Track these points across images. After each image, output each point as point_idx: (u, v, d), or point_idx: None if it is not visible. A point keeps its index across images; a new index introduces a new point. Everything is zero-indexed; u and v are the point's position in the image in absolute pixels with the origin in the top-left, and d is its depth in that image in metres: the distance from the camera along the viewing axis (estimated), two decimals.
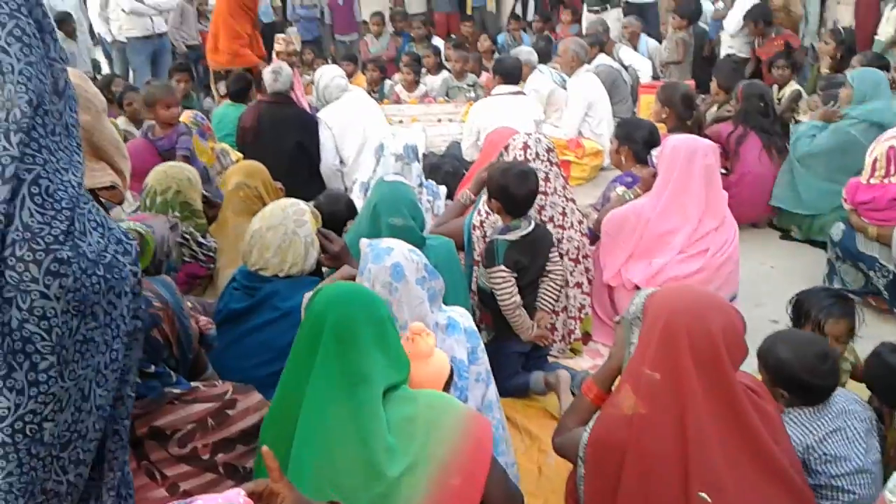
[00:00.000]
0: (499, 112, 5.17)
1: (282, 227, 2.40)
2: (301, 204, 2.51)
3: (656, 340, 1.68)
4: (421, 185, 4.02)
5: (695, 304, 1.71)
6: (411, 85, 7.37)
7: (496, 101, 5.33)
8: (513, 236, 2.98)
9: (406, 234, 2.71)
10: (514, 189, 2.95)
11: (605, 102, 6.02)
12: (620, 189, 3.69)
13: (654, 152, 3.71)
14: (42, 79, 1.11)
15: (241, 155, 4.87)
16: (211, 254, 3.17)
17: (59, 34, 5.17)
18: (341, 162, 5.24)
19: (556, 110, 6.26)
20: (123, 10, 7.33)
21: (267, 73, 5.29)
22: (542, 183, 3.21)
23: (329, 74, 5.41)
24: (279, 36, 6.81)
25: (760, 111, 4.77)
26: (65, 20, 7.24)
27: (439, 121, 6.77)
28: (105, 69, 8.85)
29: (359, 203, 3.69)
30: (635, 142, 3.82)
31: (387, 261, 2.09)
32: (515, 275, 2.96)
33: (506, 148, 3.38)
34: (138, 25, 7.42)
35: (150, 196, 3.03)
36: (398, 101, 7.23)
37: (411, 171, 3.93)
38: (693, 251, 3.31)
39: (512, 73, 5.44)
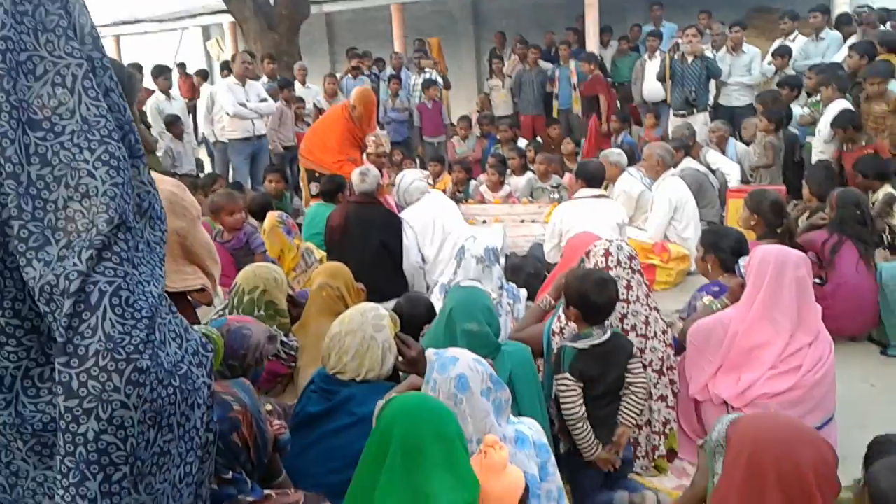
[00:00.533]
0: (581, 215, 5.18)
1: (360, 332, 2.43)
2: (380, 308, 2.54)
3: (741, 474, 1.58)
4: (501, 287, 4.02)
5: (782, 435, 1.61)
6: (496, 185, 7.49)
7: (579, 204, 5.35)
8: (582, 344, 2.91)
9: (481, 340, 2.71)
10: (592, 297, 2.90)
11: (692, 206, 5.94)
12: (707, 299, 3.59)
13: (742, 261, 3.61)
14: (126, 199, 1.16)
15: (324, 254, 5.01)
16: (293, 353, 3.22)
17: (167, 136, 5.58)
18: (423, 261, 5.33)
19: (645, 213, 6.21)
20: (227, 114, 7.83)
21: (355, 175, 5.50)
22: (623, 291, 3.16)
23: (410, 177, 5.64)
24: (370, 138, 7.07)
25: (857, 219, 4.60)
26: (173, 122, 7.77)
27: (522, 221, 6.83)
28: (207, 167, 9.42)
29: (438, 305, 3.72)
30: (722, 250, 3.73)
31: (451, 371, 2.07)
32: (581, 385, 2.87)
33: (587, 254, 3.35)
34: (240, 128, 7.91)
35: (238, 295, 3.12)
36: (482, 200, 7.36)
37: (492, 274, 3.94)
38: (785, 368, 3.14)
39: (594, 177, 5.47)
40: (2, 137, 1.07)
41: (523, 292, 4.26)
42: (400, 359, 2.55)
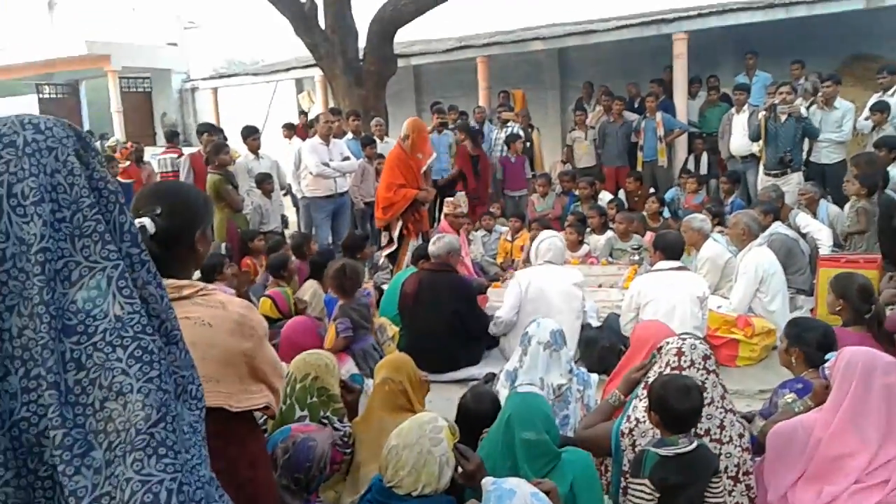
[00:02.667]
0: (660, 288, 5.06)
1: (417, 447, 2.40)
2: (439, 420, 2.51)
3: None
4: (571, 371, 3.92)
5: None
6: (574, 244, 7.40)
7: (657, 276, 5.20)
8: (666, 451, 2.78)
9: (540, 450, 2.64)
10: (674, 404, 2.78)
11: (780, 277, 5.68)
12: (790, 397, 3.39)
13: (829, 357, 3.40)
14: (164, 390, 1.17)
15: (397, 330, 5.06)
16: (346, 439, 3.23)
17: (255, 193, 5.83)
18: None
19: (730, 281, 5.99)
20: (311, 174, 8.07)
21: (431, 243, 5.56)
22: None
23: (548, 241, 5.65)
24: (448, 200, 7.13)
25: None
26: (264, 180, 8.04)
27: (600, 286, 6.69)
28: (292, 219, 9.70)
29: (504, 393, 3.66)
30: (807, 344, 3.53)
31: None
32: (658, 495, 2.74)
33: (658, 350, 3.23)
34: (322, 186, 8.15)
35: (291, 384, 3.18)
36: None
37: (560, 359, 3.85)
38: (871, 482, 2.92)
39: (673, 248, 5.31)
40: (42, 349, 1.09)
41: (594, 377, 4.15)
42: (459, 470, 2.50)
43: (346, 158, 8.41)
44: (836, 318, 4.18)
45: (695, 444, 2.79)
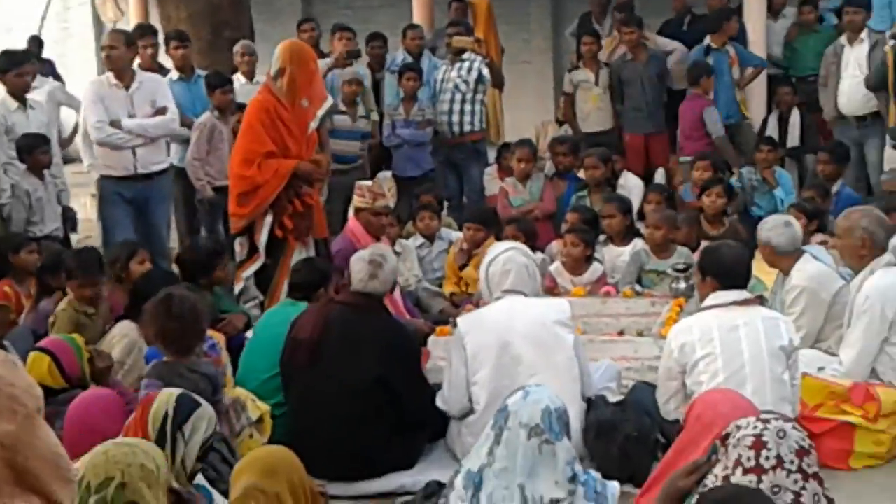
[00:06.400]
0: (718, 339, 5.08)
1: None
2: None
3: None
4: (574, 479, 3.95)
5: None
6: (577, 263, 7.68)
7: (712, 319, 5.22)
8: None
9: None
10: None
11: None
12: None
13: None
14: None
15: (266, 409, 5.11)
16: None
17: (16, 169, 5.76)
18: (470, 405, 5.37)
19: (839, 327, 6.07)
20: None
21: (360, 265, 5.68)
22: None
23: (503, 257, 5.68)
24: (361, 184, 7.17)
25: None
26: (35, 147, 7.96)
27: (621, 333, 6.74)
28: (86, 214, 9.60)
29: None
30: None
31: None
32: None
33: (723, 439, 3.25)
34: (115, 161, 8.36)
35: (81, 494, 3.10)
36: (553, 289, 7.38)
37: (555, 457, 3.90)
38: None
39: (733, 273, 5.33)
40: None
41: (614, 487, 4.17)
42: None
43: (161, 112, 8.37)
44: None
45: None
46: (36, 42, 13.42)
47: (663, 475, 3.70)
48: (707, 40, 10.54)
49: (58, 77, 12.53)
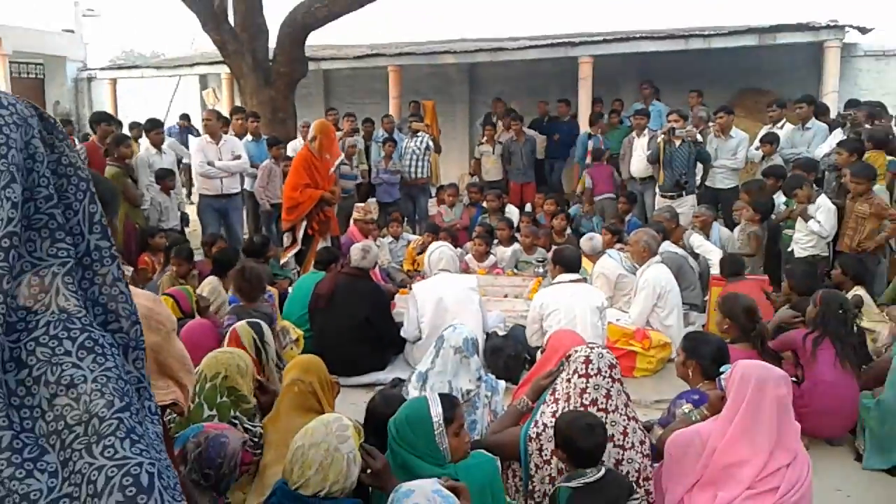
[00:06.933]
0: (562, 298, 5.16)
1: (324, 444, 2.34)
2: (344, 419, 2.46)
3: None
4: (479, 378, 3.95)
5: None
6: (481, 255, 7.47)
7: (558, 288, 5.32)
8: (577, 483, 2.81)
9: None
10: (579, 442, 2.82)
11: (675, 293, 5.93)
12: (686, 407, 3.52)
13: (724, 369, 3.55)
14: (125, 379, 1.07)
15: (301, 333, 5.08)
16: (256, 439, 3.14)
17: (154, 189, 5.67)
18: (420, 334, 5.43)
19: (624, 295, 6.20)
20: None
21: (356, 250, 5.70)
22: (603, 400, 3.10)
23: (438, 252, 6.12)
24: (358, 205, 7.10)
25: (839, 318, 4.55)
26: (165, 176, 7.81)
27: (505, 296, 6.79)
28: (193, 217, 9.39)
29: (414, 394, 3.67)
30: (703, 357, 3.68)
31: None
32: None
33: (567, 358, 3.29)
34: (209, 185, 8.16)
35: (201, 382, 3.08)
36: (467, 269, 7.29)
37: (470, 365, 3.88)
38: (762, 488, 3.06)
39: (571, 262, 5.51)
40: None
41: (501, 384, 4.19)
42: (367, 471, 2.46)
43: (238, 157, 8.26)
44: (726, 334, 4.37)
45: (602, 472, 2.84)
46: (185, 118, 12.84)
47: (531, 378, 3.75)
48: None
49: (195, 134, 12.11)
